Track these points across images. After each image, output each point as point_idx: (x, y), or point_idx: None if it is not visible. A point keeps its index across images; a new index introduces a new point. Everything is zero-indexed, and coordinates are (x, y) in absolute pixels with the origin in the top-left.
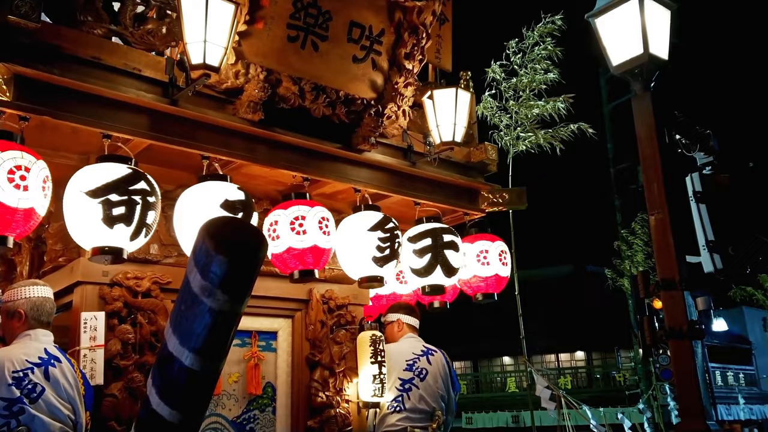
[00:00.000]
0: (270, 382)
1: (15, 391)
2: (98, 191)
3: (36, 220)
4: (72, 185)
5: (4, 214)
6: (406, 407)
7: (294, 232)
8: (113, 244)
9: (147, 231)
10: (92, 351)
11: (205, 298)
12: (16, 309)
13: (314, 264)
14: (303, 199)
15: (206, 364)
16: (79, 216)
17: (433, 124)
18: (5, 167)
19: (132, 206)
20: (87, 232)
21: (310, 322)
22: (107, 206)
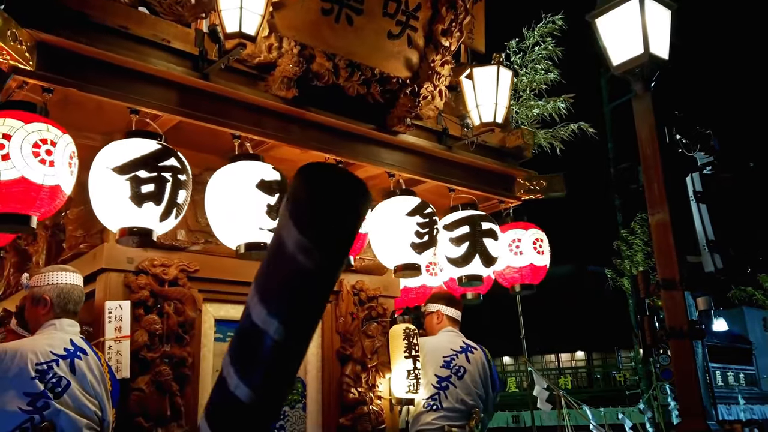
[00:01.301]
0: (299, 377)
1: (39, 385)
2: (126, 167)
3: (61, 200)
4: (98, 161)
5: (29, 191)
6: (443, 406)
7: None
8: (142, 225)
9: (178, 211)
10: (118, 342)
11: (300, 257)
12: (42, 295)
13: (355, 250)
14: None
15: (298, 336)
16: (106, 194)
17: (472, 105)
18: (30, 140)
19: (162, 184)
20: (114, 211)
21: (340, 315)
22: (135, 183)
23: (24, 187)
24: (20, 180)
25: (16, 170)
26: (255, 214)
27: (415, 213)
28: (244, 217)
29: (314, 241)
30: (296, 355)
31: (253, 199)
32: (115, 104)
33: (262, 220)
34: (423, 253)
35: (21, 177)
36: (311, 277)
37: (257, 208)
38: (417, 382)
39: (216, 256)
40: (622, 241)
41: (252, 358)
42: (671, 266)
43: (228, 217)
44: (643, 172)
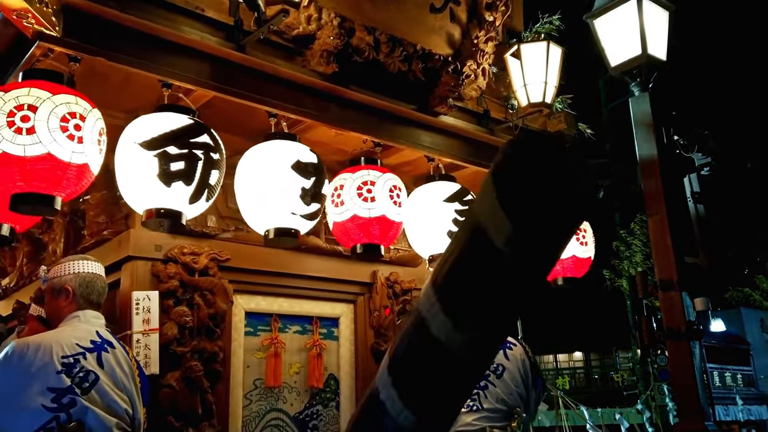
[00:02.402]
0: (333, 374)
1: (65, 380)
2: (154, 142)
3: (88, 180)
4: (125, 136)
5: (55, 168)
6: (483, 406)
7: (361, 198)
8: (170, 206)
9: (209, 193)
10: (146, 335)
11: (499, 243)
12: (63, 286)
13: (381, 238)
14: (373, 164)
15: (485, 339)
16: (132, 171)
17: (519, 84)
18: (57, 113)
19: (193, 161)
20: (140, 190)
21: (374, 308)
22: (164, 160)
23: (50, 165)
24: (46, 157)
25: (41, 146)
26: (288, 197)
27: (454, 199)
28: (277, 200)
29: (527, 229)
30: (476, 366)
31: (287, 181)
32: (143, 77)
33: (295, 204)
34: None
35: (47, 153)
36: (513, 272)
37: (291, 191)
38: None
39: (247, 244)
40: (620, 241)
41: (423, 378)
42: (669, 267)
43: (259, 199)
44: (641, 173)
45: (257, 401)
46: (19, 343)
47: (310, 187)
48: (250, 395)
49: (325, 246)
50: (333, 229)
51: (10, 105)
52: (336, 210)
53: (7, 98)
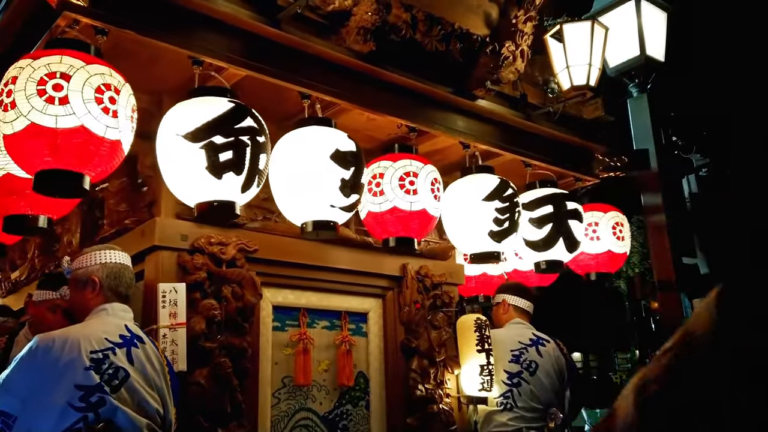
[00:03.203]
0: (362, 372)
1: (94, 377)
2: (199, 133)
3: (118, 160)
4: (165, 128)
5: (88, 143)
6: (518, 405)
7: (403, 190)
8: (223, 198)
9: (259, 179)
10: (173, 330)
11: None
12: (89, 277)
13: (418, 232)
14: (410, 153)
15: None
16: (179, 165)
17: (561, 66)
18: (92, 84)
19: (241, 149)
20: (190, 184)
21: (404, 303)
22: (212, 151)
23: (83, 139)
24: (79, 129)
25: (75, 117)
26: (327, 188)
27: (494, 197)
28: (315, 192)
29: None
30: None
31: (325, 172)
32: (171, 55)
33: (334, 196)
34: (503, 241)
35: (80, 126)
36: None
37: (330, 182)
38: (491, 379)
39: (275, 234)
40: None
41: None
42: (667, 268)
43: (296, 190)
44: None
45: (286, 400)
46: (43, 337)
47: (350, 177)
48: (279, 394)
49: (356, 237)
50: (366, 218)
51: (40, 72)
52: (374, 199)
53: (36, 65)
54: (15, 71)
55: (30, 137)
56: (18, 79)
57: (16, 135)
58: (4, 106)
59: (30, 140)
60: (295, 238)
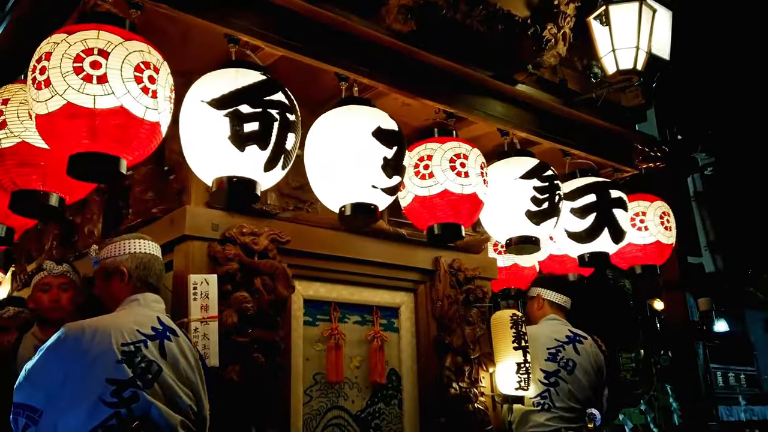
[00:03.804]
0: (394, 369)
1: (126, 371)
2: (225, 100)
3: (156, 143)
4: (191, 95)
5: (128, 125)
6: (556, 405)
7: (454, 172)
8: (244, 174)
9: (285, 160)
10: (204, 324)
11: None
12: (118, 267)
13: (467, 218)
14: (457, 137)
15: None
16: (199, 134)
17: (606, 50)
18: (131, 61)
19: (268, 123)
20: (210, 156)
21: (437, 297)
22: (236, 120)
23: (122, 121)
24: (118, 110)
25: (114, 97)
26: (369, 168)
27: (532, 175)
28: (356, 171)
29: None
30: None
31: (367, 150)
32: (204, 33)
33: (376, 176)
34: (542, 224)
35: (120, 107)
36: None
37: (372, 162)
38: (528, 377)
39: (307, 225)
40: None
41: None
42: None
43: (335, 170)
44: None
45: (317, 398)
46: (72, 326)
47: (393, 157)
48: (310, 391)
49: (388, 228)
50: (412, 203)
51: (76, 48)
52: (422, 183)
53: (72, 41)
54: (48, 46)
55: (66, 118)
56: (52, 55)
57: (50, 115)
58: (38, 83)
59: (66, 121)
60: (328, 229)
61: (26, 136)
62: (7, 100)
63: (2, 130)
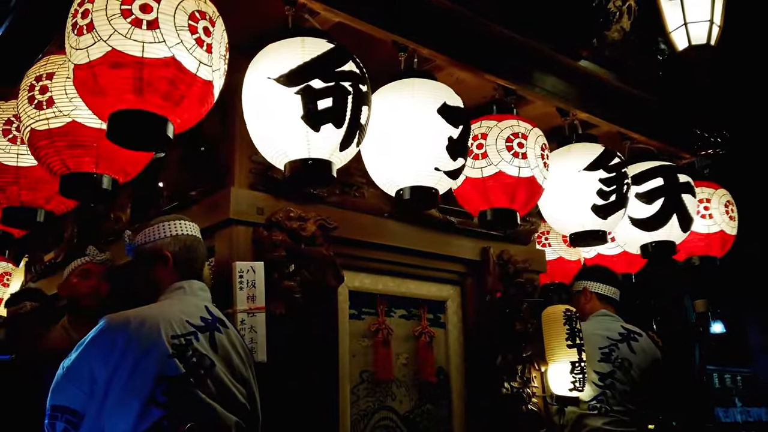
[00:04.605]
0: (441, 367)
1: (178, 366)
2: (294, 75)
3: (207, 107)
4: (254, 72)
5: (178, 81)
6: (613, 408)
7: (511, 153)
8: (320, 155)
9: (360, 137)
10: (251, 315)
11: None
12: (160, 251)
13: (523, 204)
14: (516, 115)
15: None
16: (269, 116)
17: (675, 23)
18: (186, 8)
19: (342, 97)
20: (282, 139)
21: (486, 291)
22: (309, 97)
23: (173, 75)
24: (169, 62)
25: (164, 46)
26: (432, 148)
27: (597, 166)
28: (418, 152)
29: None
30: None
31: (431, 128)
32: None
33: (440, 158)
34: (609, 218)
35: (171, 58)
36: None
37: (436, 141)
38: (584, 377)
39: (353, 211)
40: None
41: None
42: None
43: (395, 149)
44: None
45: (365, 397)
46: (115, 317)
47: (458, 137)
48: (357, 390)
49: (438, 215)
50: (463, 185)
51: None
52: (475, 163)
53: None
54: None
55: (109, 68)
56: None
57: (92, 65)
58: (79, 29)
59: (109, 72)
60: (374, 216)
61: (77, 116)
62: (51, 74)
63: (50, 109)
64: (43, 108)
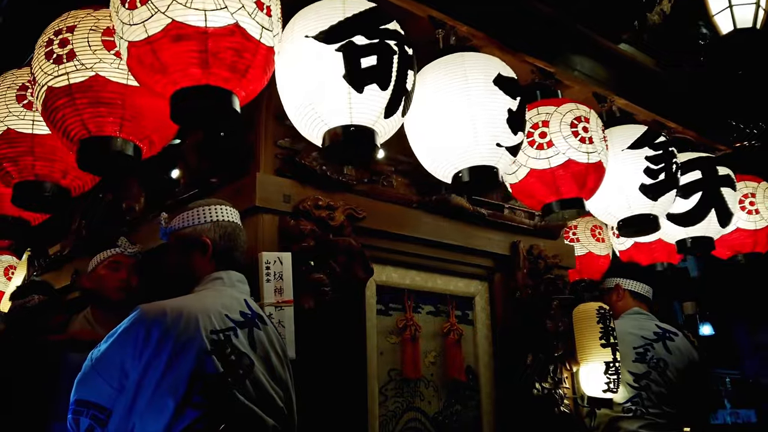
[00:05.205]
0: (470, 366)
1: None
2: (335, 31)
3: (268, 76)
4: (291, 33)
5: (243, 50)
6: (649, 411)
7: (578, 138)
8: (362, 122)
9: (406, 102)
10: (279, 309)
11: None
12: (200, 237)
13: (590, 191)
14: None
15: None
16: (306, 77)
17: (719, 6)
18: None
19: (387, 56)
20: (320, 101)
21: (516, 287)
22: (352, 54)
23: (239, 43)
24: (234, 30)
25: (227, 13)
26: (493, 122)
27: (642, 144)
28: (478, 127)
29: None
30: None
31: (490, 101)
32: None
33: (501, 132)
34: (660, 199)
35: (234, 25)
36: None
37: (495, 114)
38: (618, 378)
39: (381, 201)
40: None
41: None
42: None
43: (451, 128)
44: None
45: (393, 397)
46: (151, 307)
47: (517, 109)
48: (386, 389)
49: (469, 207)
50: (527, 178)
51: None
52: (540, 153)
53: None
54: None
55: (171, 42)
56: None
57: (150, 40)
58: (131, 2)
59: (171, 46)
60: (403, 206)
61: (100, 69)
62: (72, 26)
63: (70, 62)
64: (63, 62)
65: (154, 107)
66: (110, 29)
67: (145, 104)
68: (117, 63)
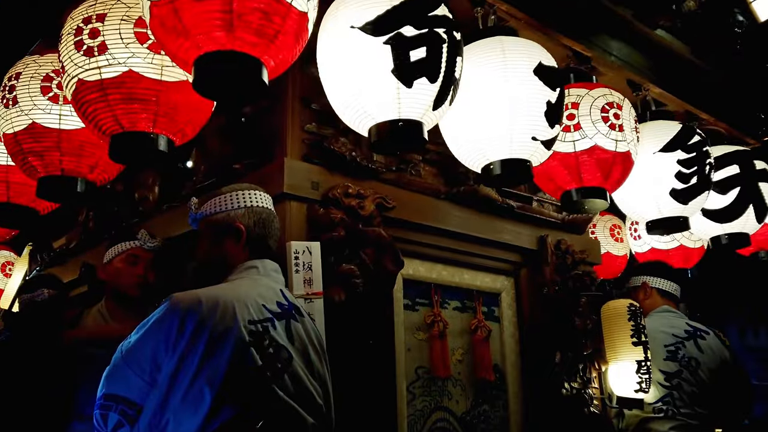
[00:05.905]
0: (496, 364)
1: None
2: (383, 22)
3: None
4: (333, 21)
5: (272, 12)
6: (680, 411)
7: (607, 124)
8: (411, 115)
9: (454, 93)
10: (308, 301)
11: None
12: (233, 223)
13: (615, 183)
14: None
15: None
16: (353, 70)
17: None
18: None
19: (437, 46)
20: (367, 96)
21: (543, 282)
22: (401, 47)
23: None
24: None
25: None
26: (529, 114)
27: (674, 146)
28: (514, 119)
29: None
30: None
31: (528, 91)
32: None
33: (537, 125)
34: (690, 203)
35: None
36: None
37: (534, 107)
38: (650, 377)
39: (409, 190)
40: None
41: None
42: None
43: (485, 117)
44: None
45: (421, 396)
46: (185, 296)
47: (556, 101)
48: (413, 388)
49: (498, 199)
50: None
51: None
52: (565, 136)
53: None
54: None
55: (194, 3)
56: None
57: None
58: None
59: (194, 5)
60: (431, 197)
61: (133, 64)
62: (102, 15)
63: (102, 56)
64: (94, 54)
65: (188, 102)
66: (142, 19)
67: (180, 100)
68: (151, 57)
